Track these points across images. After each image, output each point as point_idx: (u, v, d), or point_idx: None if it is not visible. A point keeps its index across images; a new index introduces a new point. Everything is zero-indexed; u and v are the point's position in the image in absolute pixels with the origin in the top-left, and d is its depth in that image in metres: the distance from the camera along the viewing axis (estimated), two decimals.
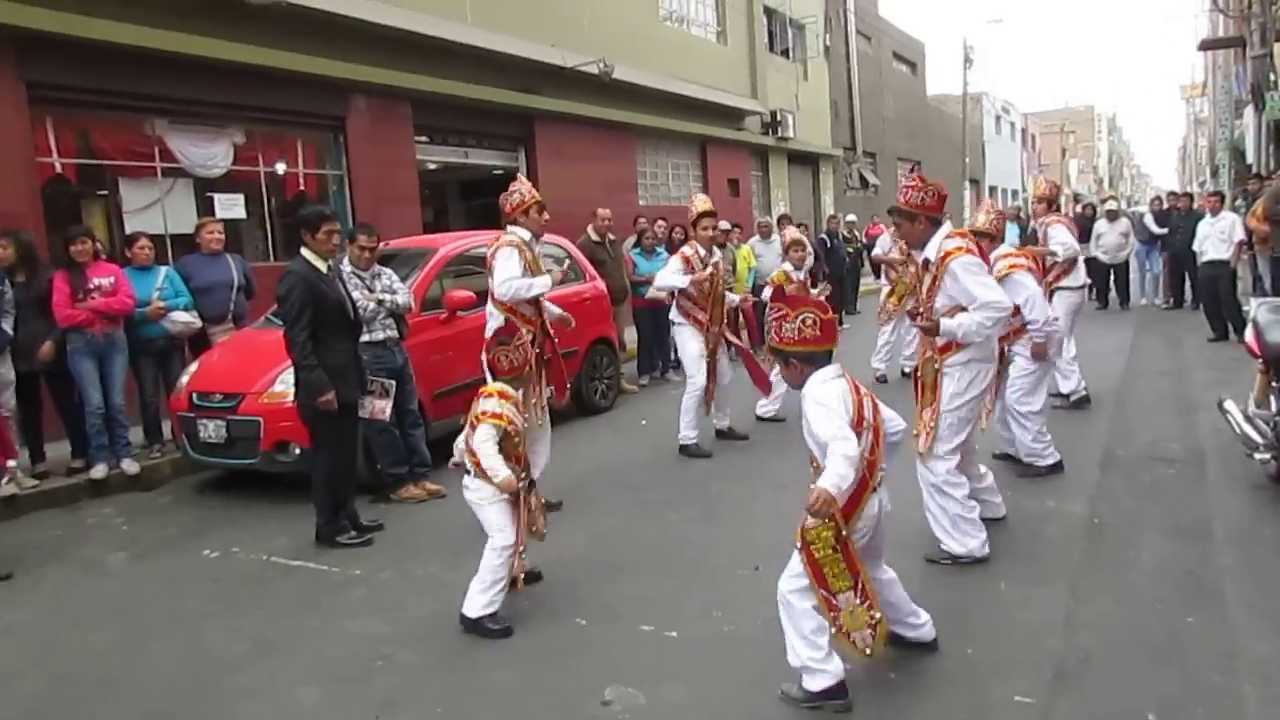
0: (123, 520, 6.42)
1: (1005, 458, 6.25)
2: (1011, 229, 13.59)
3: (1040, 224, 7.96)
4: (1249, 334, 5.98)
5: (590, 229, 10.27)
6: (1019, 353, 5.93)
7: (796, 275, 8.33)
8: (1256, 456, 5.43)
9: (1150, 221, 15.07)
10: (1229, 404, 5.86)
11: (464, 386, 6.65)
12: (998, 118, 48.37)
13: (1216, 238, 11.62)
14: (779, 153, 22.53)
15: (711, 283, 7.21)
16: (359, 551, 5.41)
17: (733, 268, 10.63)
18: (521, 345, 4.56)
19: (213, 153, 9.88)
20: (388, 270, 6.55)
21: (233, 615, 4.65)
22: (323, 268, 5.43)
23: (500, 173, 14.69)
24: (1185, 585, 4.31)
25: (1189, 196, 15.86)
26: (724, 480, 6.52)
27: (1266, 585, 4.25)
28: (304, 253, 5.43)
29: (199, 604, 4.83)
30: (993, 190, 43.24)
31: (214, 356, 7.16)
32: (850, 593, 3.28)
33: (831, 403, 3.28)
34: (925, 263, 4.66)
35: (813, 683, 3.34)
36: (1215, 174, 34.00)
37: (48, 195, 8.48)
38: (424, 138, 12.65)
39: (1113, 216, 14.66)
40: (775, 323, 3.43)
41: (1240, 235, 11.46)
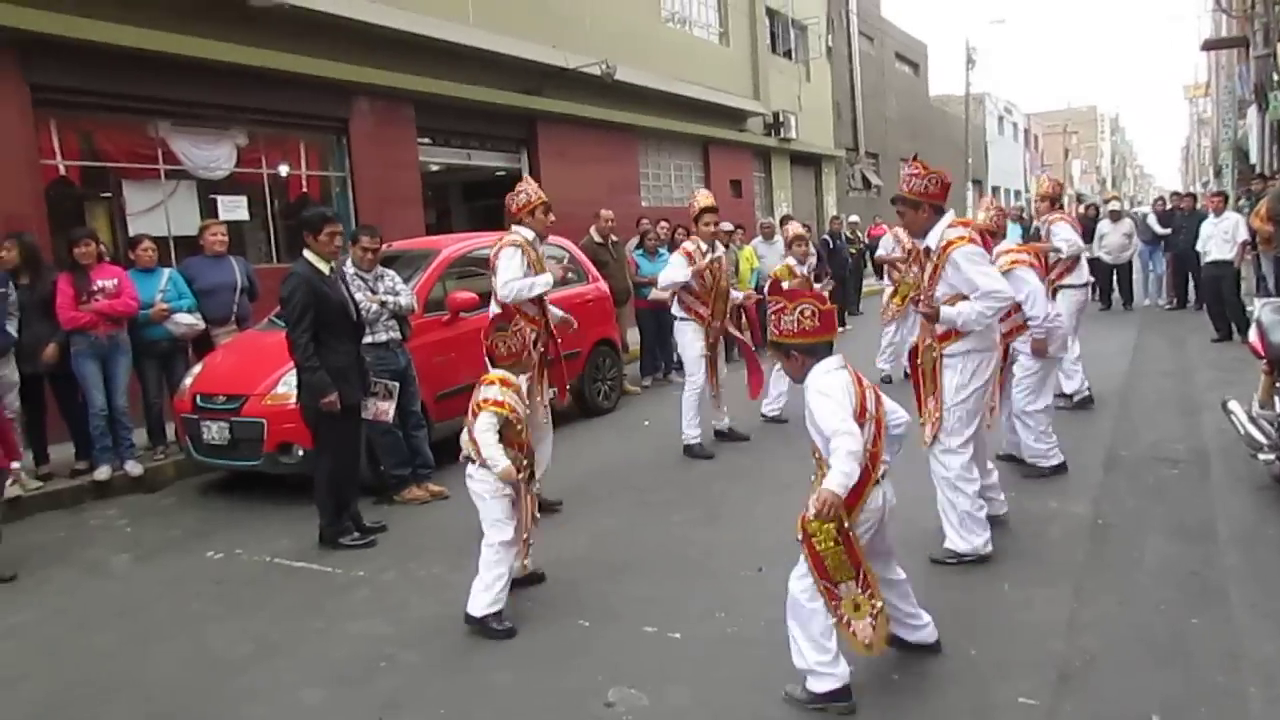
0: (126, 522, 6.43)
1: (1009, 459, 6.24)
2: (1014, 229, 13.61)
3: (1043, 222, 7.95)
4: (1252, 334, 5.97)
5: (593, 230, 10.28)
6: (1022, 350, 5.92)
7: (800, 269, 8.33)
8: (1260, 457, 5.42)
9: (1153, 222, 15.04)
10: (1233, 404, 5.85)
11: (467, 388, 6.55)
12: (1000, 118, 48.37)
13: (1220, 238, 11.60)
14: (781, 154, 22.53)
15: (713, 275, 7.21)
16: (362, 553, 5.42)
17: (735, 268, 10.63)
18: (519, 331, 4.54)
19: (216, 155, 9.89)
20: (390, 272, 6.55)
21: (236, 617, 4.65)
22: (325, 269, 5.44)
23: (503, 174, 14.70)
24: (1189, 586, 4.30)
25: (1192, 197, 15.83)
26: (727, 481, 6.52)
27: (1270, 586, 4.24)
28: (306, 254, 5.44)
29: (202, 605, 4.83)
30: (995, 190, 43.21)
31: (217, 358, 7.17)
32: (852, 582, 3.26)
33: (836, 393, 3.27)
34: (926, 251, 4.66)
35: (818, 684, 3.33)
36: (1219, 174, 33.98)
37: (51, 197, 8.49)
38: (427, 139, 12.66)
39: (1116, 217, 14.63)
40: (774, 315, 3.42)
41: (1244, 235, 11.43)
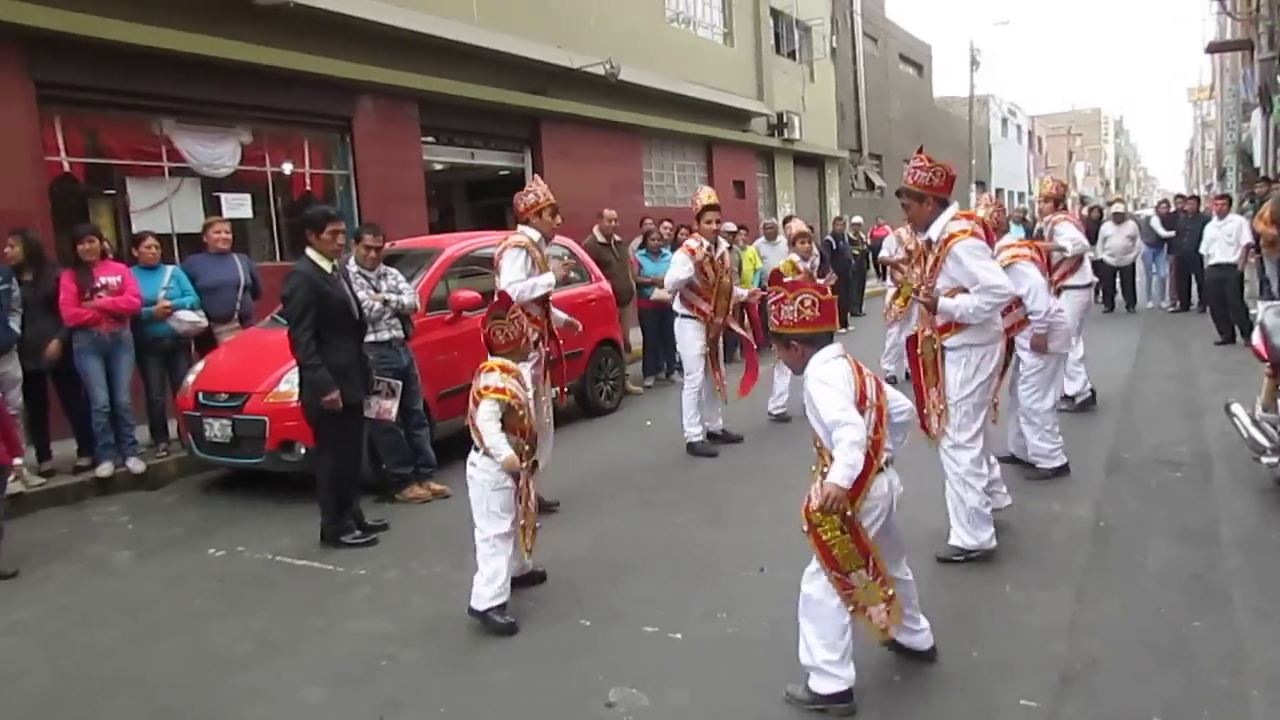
0: (128, 519, 6.43)
1: (1011, 460, 6.22)
2: (1017, 230, 13.55)
3: (1047, 222, 7.93)
4: (1256, 337, 5.96)
5: (596, 230, 10.27)
6: (1023, 345, 5.90)
7: (803, 265, 8.33)
8: (1264, 460, 5.40)
9: (1157, 224, 15.03)
10: (1236, 407, 5.84)
11: (469, 387, 6.62)
12: (1004, 120, 48.34)
13: (1223, 240, 11.57)
14: (785, 154, 22.53)
15: (716, 272, 7.21)
16: (364, 551, 5.42)
17: (739, 269, 10.62)
18: (517, 319, 4.51)
19: (220, 152, 9.91)
20: (393, 270, 6.55)
21: (238, 614, 4.65)
22: (327, 268, 5.44)
23: (506, 173, 14.72)
24: (1191, 589, 4.30)
25: (1196, 199, 15.84)
26: (729, 481, 6.52)
27: (1273, 589, 4.23)
28: (309, 253, 5.44)
29: (204, 603, 4.84)
30: (999, 192, 43.17)
31: (220, 356, 7.18)
32: (863, 570, 3.25)
33: (836, 381, 3.25)
34: (928, 243, 4.65)
35: (822, 685, 3.32)
36: (1222, 177, 33.96)
37: (55, 194, 8.51)
38: (430, 138, 12.67)
39: (1119, 219, 14.60)
40: (774, 306, 3.41)
41: (1247, 238, 11.41)
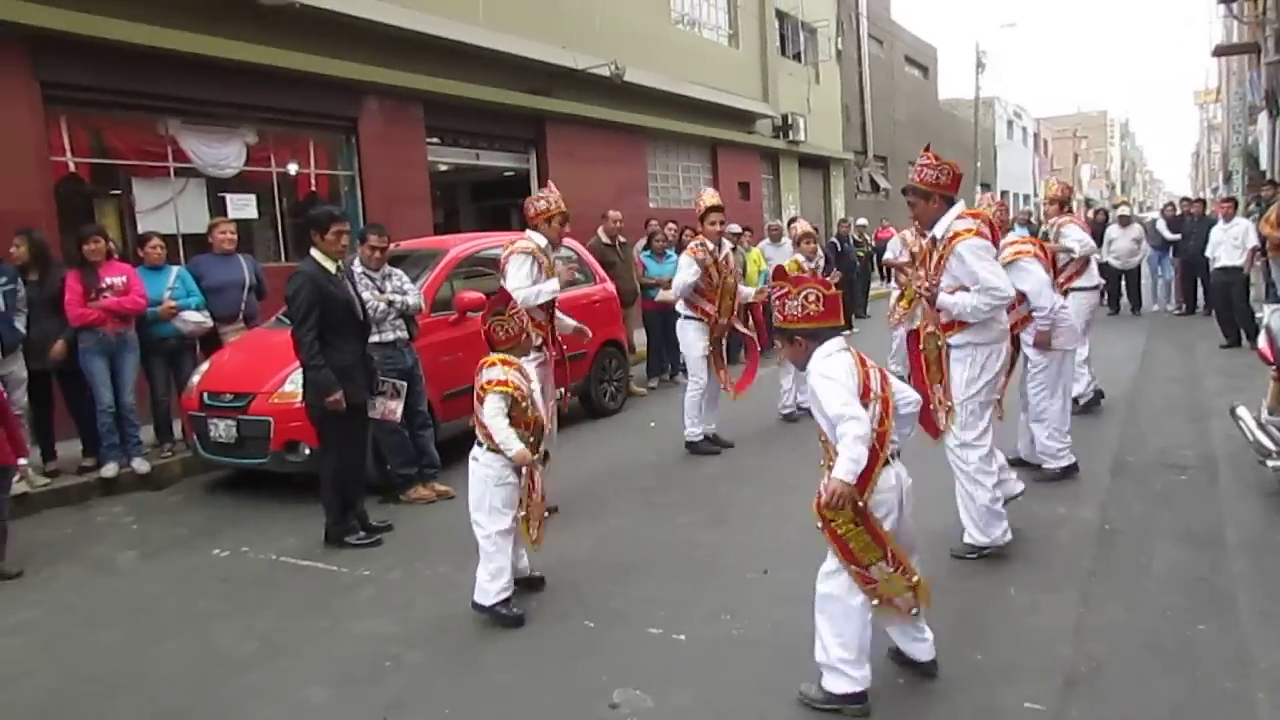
0: (133, 519, 6.44)
1: (1018, 463, 6.18)
2: (1020, 233, 13.52)
3: (1052, 224, 7.92)
4: (1262, 340, 5.95)
5: (601, 231, 10.27)
6: (1027, 342, 5.88)
7: (808, 265, 8.33)
8: (1269, 463, 5.37)
9: (1163, 227, 14.99)
10: (1241, 410, 5.82)
11: (473, 388, 6.65)
12: (1010, 122, 48.30)
13: (1229, 244, 11.55)
14: (790, 156, 22.52)
15: (720, 273, 7.21)
16: (368, 552, 5.42)
17: (743, 270, 10.61)
18: (516, 315, 4.50)
19: (225, 153, 9.92)
20: (398, 271, 6.56)
21: (242, 615, 4.66)
22: (331, 268, 5.44)
23: (511, 174, 14.73)
24: (1197, 592, 4.29)
25: (1202, 202, 15.78)
26: (733, 482, 6.51)
27: (1278, 592, 4.22)
28: (313, 253, 5.45)
29: (208, 603, 4.84)
30: (1004, 195, 43.13)
31: (225, 356, 7.18)
32: (882, 562, 3.23)
33: (839, 375, 3.24)
34: (932, 241, 4.65)
35: (836, 684, 3.30)
36: (1228, 180, 33.82)
37: (61, 194, 8.52)
38: (435, 139, 12.68)
39: (1125, 222, 14.57)
40: (779, 301, 3.39)
41: (1253, 241, 11.38)
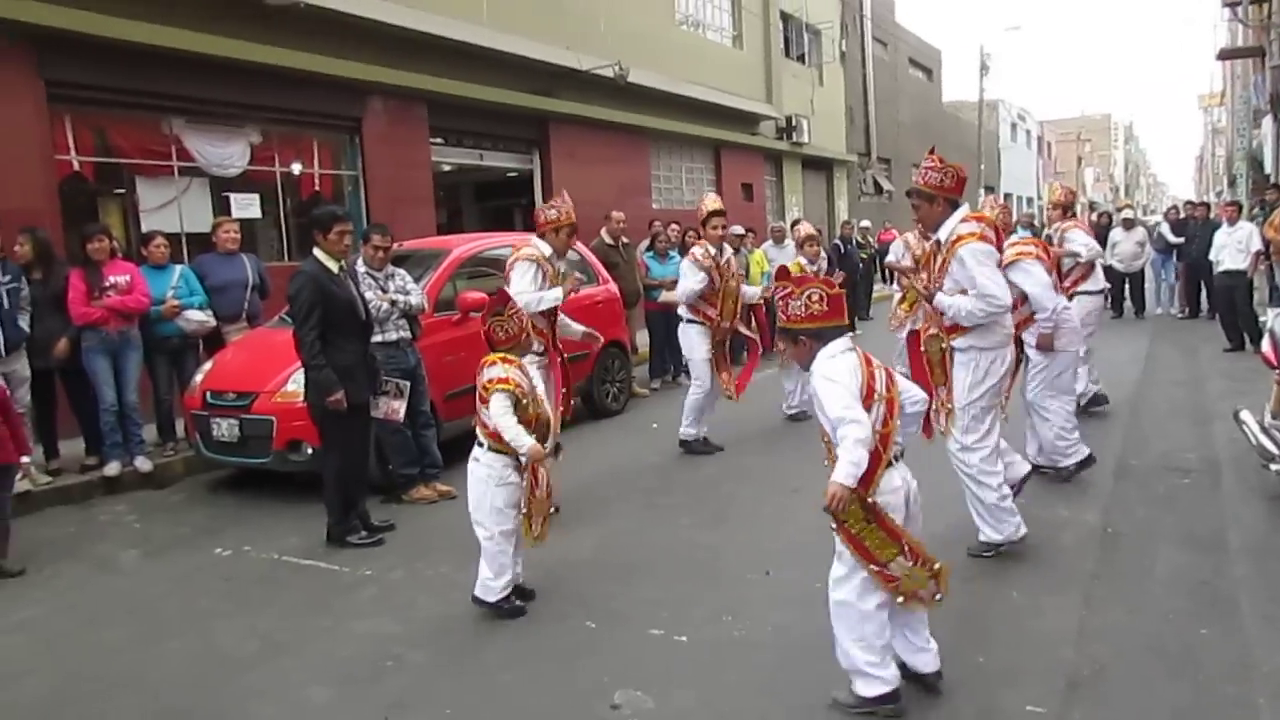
0: (135, 518, 6.45)
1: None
2: (1024, 235, 13.52)
3: (1056, 229, 7.91)
4: (1265, 344, 5.94)
5: (604, 232, 10.27)
6: (1029, 343, 5.86)
7: (810, 268, 8.32)
8: (1272, 467, 5.38)
9: (1167, 230, 14.97)
10: (1245, 414, 5.82)
11: (475, 389, 6.65)
12: (1013, 125, 48.26)
13: (1233, 247, 11.53)
14: (793, 158, 22.52)
15: (722, 277, 7.22)
16: (370, 551, 5.43)
17: (746, 272, 10.62)
18: (516, 315, 4.49)
19: (229, 152, 9.94)
20: (401, 271, 6.56)
21: (244, 614, 4.66)
22: (334, 268, 5.44)
23: (515, 175, 14.74)
24: (1199, 596, 4.28)
25: (1206, 206, 15.75)
26: (734, 484, 6.51)
27: None
28: (316, 253, 5.46)
29: (210, 602, 4.85)
30: (1008, 197, 43.09)
31: (228, 355, 7.19)
32: (900, 558, 3.21)
33: (840, 377, 3.21)
34: (936, 244, 4.65)
35: (866, 688, 3.28)
36: (1232, 183, 33.80)
37: (65, 193, 8.53)
38: (439, 139, 12.69)
39: (1129, 225, 14.57)
40: (782, 301, 3.36)
41: (1257, 245, 11.35)
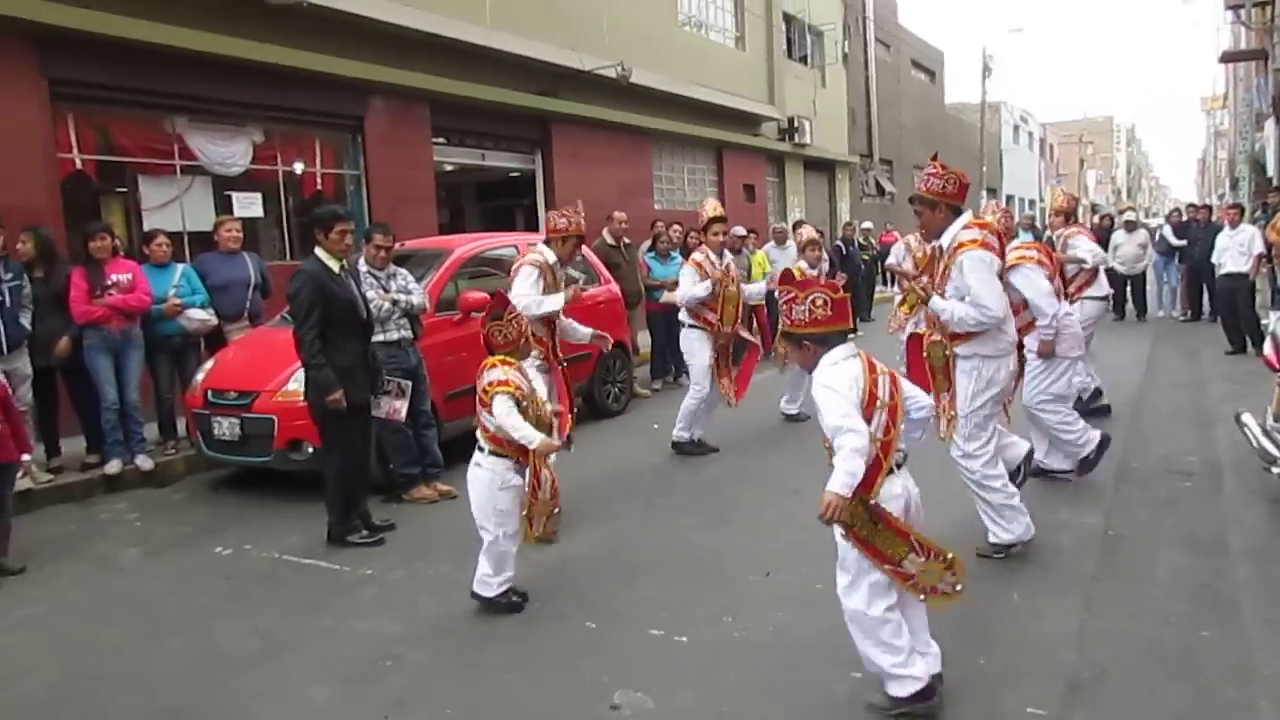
0: (136, 516, 6.45)
1: (1037, 472, 6.10)
2: (1025, 238, 13.54)
3: (1059, 235, 7.91)
4: (1267, 347, 5.94)
5: (605, 232, 10.27)
6: (1030, 348, 5.86)
7: (811, 273, 8.32)
8: (1274, 470, 5.37)
9: (1169, 233, 14.97)
10: (1246, 417, 5.81)
11: (476, 391, 6.65)
12: (1016, 127, 48.23)
13: (1235, 250, 11.53)
14: (795, 159, 22.51)
15: (723, 284, 7.23)
16: (370, 551, 5.43)
17: (748, 273, 10.62)
18: (515, 319, 4.50)
19: (232, 151, 9.95)
20: (403, 270, 6.57)
21: (244, 613, 4.66)
22: (335, 267, 5.44)
23: (516, 175, 14.74)
24: (1200, 599, 4.28)
25: (1208, 208, 15.74)
26: (735, 484, 6.51)
27: None
28: (317, 252, 5.46)
29: (211, 601, 4.85)
30: (1010, 199, 43.10)
31: (229, 354, 7.19)
32: (912, 554, 3.20)
33: (839, 385, 3.19)
34: (938, 250, 4.65)
35: (899, 689, 3.27)
36: (1235, 186, 33.78)
37: (67, 191, 8.54)
38: (441, 139, 12.70)
39: (1131, 227, 14.57)
40: (785, 305, 3.34)
41: (1259, 248, 11.36)
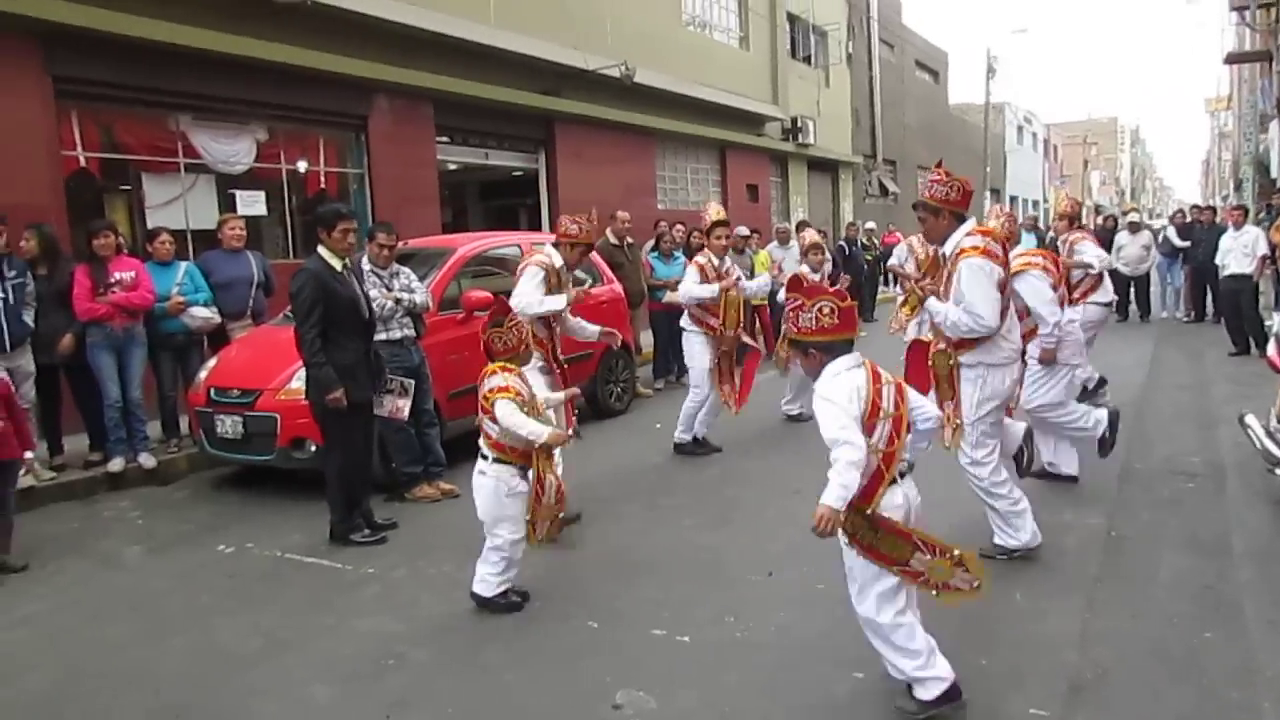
0: (139, 514, 6.45)
1: (1044, 475, 6.08)
2: (1029, 239, 13.54)
3: (1063, 240, 7.89)
4: (1271, 348, 5.94)
5: (609, 232, 10.25)
6: (1032, 355, 5.85)
7: (812, 277, 8.31)
8: (1277, 471, 5.36)
9: (1172, 234, 14.96)
10: (1250, 418, 5.80)
11: (478, 392, 6.65)
12: (1020, 128, 48.17)
13: (1239, 251, 11.52)
14: (799, 159, 22.49)
15: (725, 288, 7.22)
16: (373, 549, 5.43)
17: (750, 273, 10.61)
18: (515, 326, 4.50)
19: (235, 149, 9.96)
20: (406, 269, 6.57)
21: (246, 611, 4.66)
22: (337, 266, 5.44)
23: (520, 174, 14.73)
24: (1203, 600, 4.27)
25: (1212, 210, 15.76)
26: (737, 485, 6.51)
27: None
28: (320, 250, 5.46)
29: (213, 599, 4.85)
30: (1014, 200, 43.06)
31: (232, 352, 7.19)
32: (918, 553, 3.19)
33: (838, 398, 3.17)
34: (942, 257, 4.66)
35: (926, 692, 3.26)
36: (1239, 187, 33.78)
37: (71, 189, 8.54)
38: (445, 138, 12.69)
39: (1134, 228, 14.56)
40: (791, 313, 3.32)
41: (1263, 249, 11.36)
